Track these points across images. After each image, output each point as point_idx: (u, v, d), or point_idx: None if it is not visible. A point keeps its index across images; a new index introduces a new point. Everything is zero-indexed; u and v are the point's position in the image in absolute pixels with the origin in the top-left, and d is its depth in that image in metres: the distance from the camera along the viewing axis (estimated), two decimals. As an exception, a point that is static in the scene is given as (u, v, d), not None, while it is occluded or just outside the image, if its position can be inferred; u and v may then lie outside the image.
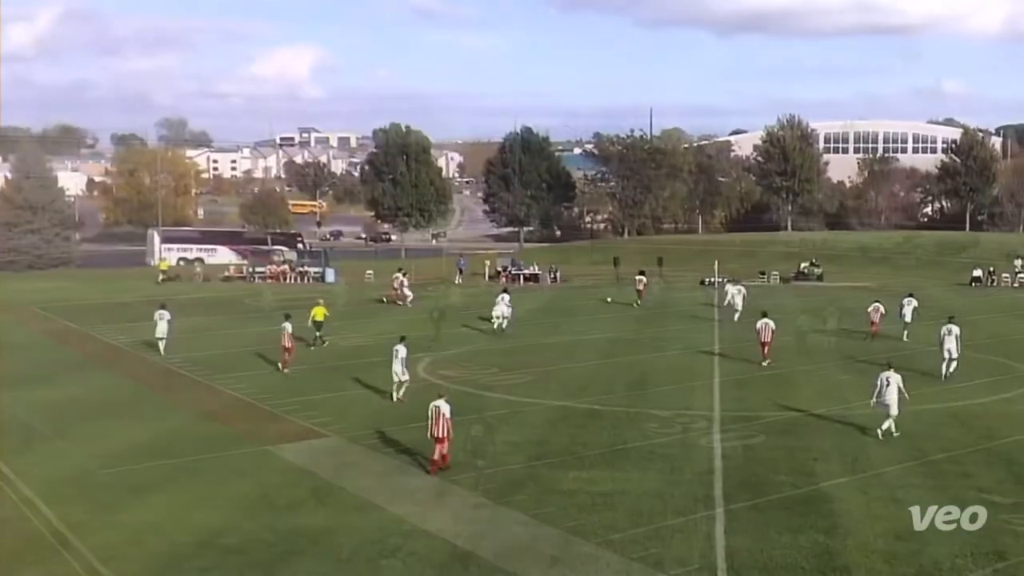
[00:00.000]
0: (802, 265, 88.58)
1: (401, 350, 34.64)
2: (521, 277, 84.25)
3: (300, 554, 20.21)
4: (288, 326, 40.77)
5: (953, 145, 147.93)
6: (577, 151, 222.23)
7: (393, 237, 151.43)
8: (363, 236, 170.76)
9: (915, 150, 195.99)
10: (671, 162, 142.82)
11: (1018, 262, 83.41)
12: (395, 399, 34.37)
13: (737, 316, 54.34)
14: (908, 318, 49.22)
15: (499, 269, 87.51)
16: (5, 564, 19.83)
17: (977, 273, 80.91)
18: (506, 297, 53.00)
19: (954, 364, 38.38)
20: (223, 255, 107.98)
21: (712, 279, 78.33)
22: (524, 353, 45.04)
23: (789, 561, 19.69)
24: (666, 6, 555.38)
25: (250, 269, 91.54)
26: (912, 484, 24.63)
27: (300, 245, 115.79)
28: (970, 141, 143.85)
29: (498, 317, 51.83)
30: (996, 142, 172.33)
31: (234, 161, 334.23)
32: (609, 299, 65.42)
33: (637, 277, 65.79)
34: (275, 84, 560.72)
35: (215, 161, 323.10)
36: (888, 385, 29.55)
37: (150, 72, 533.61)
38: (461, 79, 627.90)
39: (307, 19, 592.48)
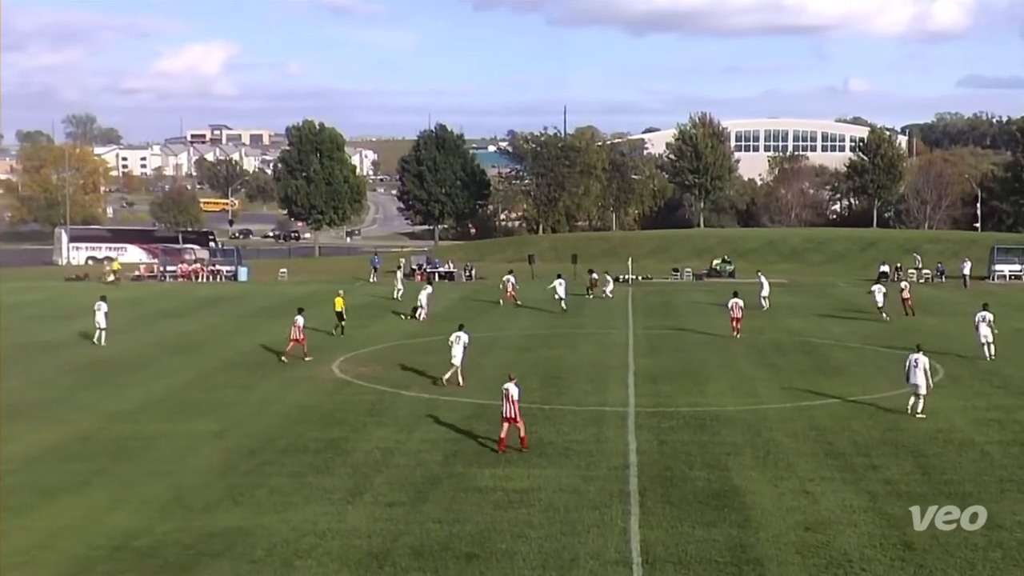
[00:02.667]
0: (714, 262, 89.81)
1: (463, 336, 36.98)
2: (436, 275, 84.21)
3: (215, 556, 20.04)
4: (300, 319, 42.45)
5: (861, 143, 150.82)
6: (491, 148, 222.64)
7: (306, 235, 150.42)
8: (271, 234, 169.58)
9: (824, 148, 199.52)
10: (585, 160, 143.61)
11: (917, 257, 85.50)
12: (444, 382, 36.42)
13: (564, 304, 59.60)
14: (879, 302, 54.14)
15: (414, 267, 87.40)
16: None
17: (884, 269, 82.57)
18: (429, 289, 57.16)
19: (992, 347, 41.23)
20: (134, 254, 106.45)
21: (626, 276, 79.10)
22: (440, 350, 45.00)
23: (704, 554, 19.95)
24: (579, 5, 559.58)
25: (161, 268, 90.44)
26: (822, 477, 25.08)
27: (212, 243, 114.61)
28: (877, 140, 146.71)
29: (421, 307, 55.31)
30: (902, 140, 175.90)
31: (144, 159, 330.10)
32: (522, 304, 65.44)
33: (504, 278, 65.75)
34: (186, 81, 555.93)
35: (124, 159, 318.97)
36: (916, 367, 31.30)
37: (56, 67, 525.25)
38: (375, 76, 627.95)
39: (218, 15, 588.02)
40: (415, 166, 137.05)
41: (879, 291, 55.78)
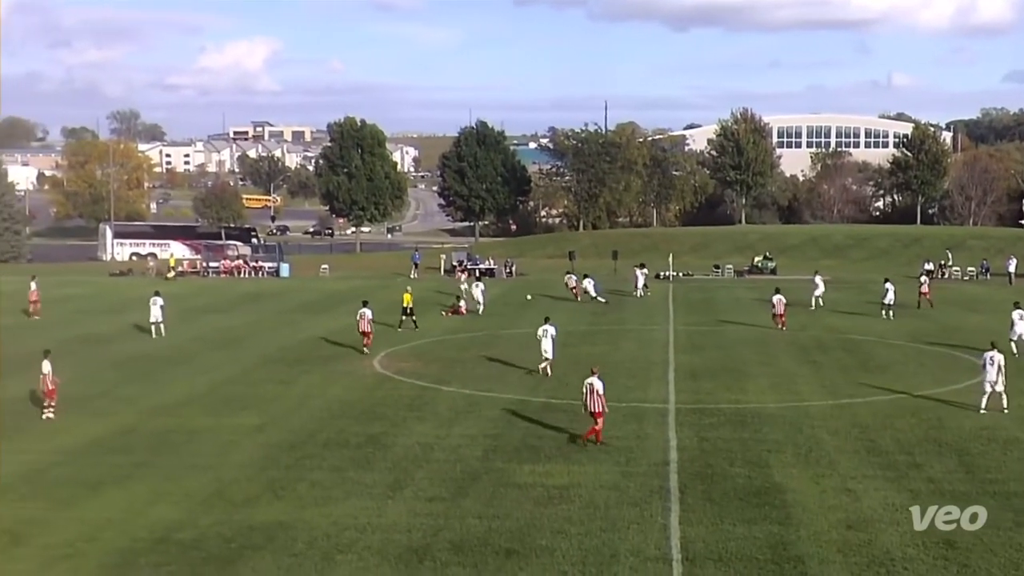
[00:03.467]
0: (756, 258, 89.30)
1: (550, 329, 37.87)
2: (476, 271, 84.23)
3: (256, 549, 20.18)
4: (367, 311, 43.17)
5: (904, 139, 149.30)
6: (532, 145, 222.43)
7: (348, 231, 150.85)
8: (311, 230, 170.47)
9: (867, 144, 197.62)
10: (626, 156, 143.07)
11: (949, 254, 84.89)
12: (542, 372, 37.45)
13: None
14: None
15: (454, 263, 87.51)
16: (-42, 562, 19.67)
17: (928, 266, 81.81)
18: (481, 285, 58.80)
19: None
20: (176, 250, 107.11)
21: (667, 272, 78.87)
22: (480, 346, 45.11)
23: (744, 551, 19.88)
24: (620, 0, 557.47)
25: (204, 264, 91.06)
26: (864, 475, 24.93)
27: (254, 240, 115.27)
28: (921, 135, 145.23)
29: (478, 303, 56.72)
30: (947, 136, 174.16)
31: (187, 155, 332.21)
32: (529, 296, 65.32)
33: (566, 278, 66.75)
34: (228, 77, 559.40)
35: (168, 155, 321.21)
36: (992, 364, 31.34)
37: (101, 64, 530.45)
38: (416, 72, 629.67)
39: (261, 12, 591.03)
40: (456, 162, 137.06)
41: (890, 289, 54.98)
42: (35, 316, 55.19)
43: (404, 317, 49.94)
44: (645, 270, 69.18)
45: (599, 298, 60.81)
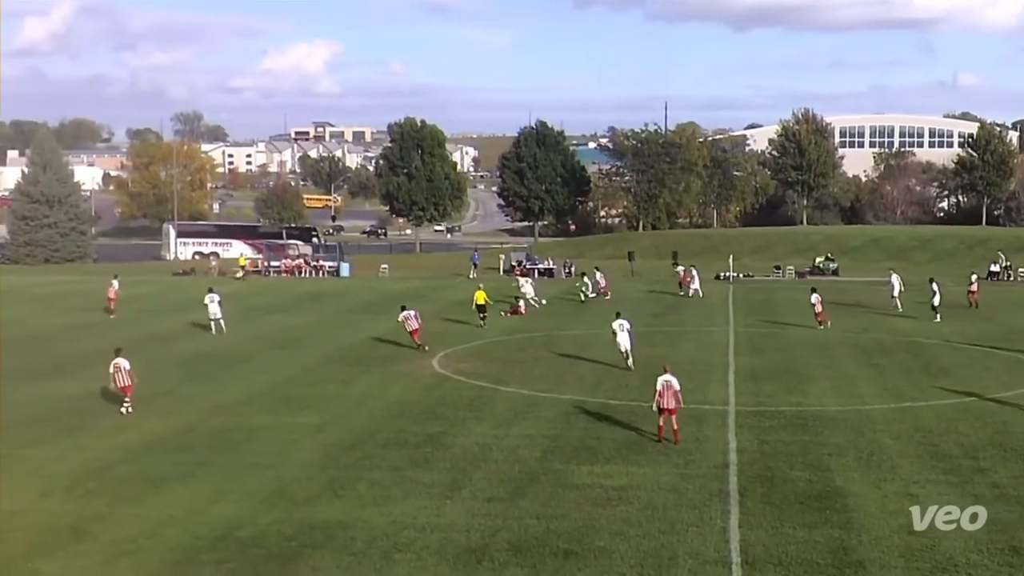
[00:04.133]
0: (817, 259, 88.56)
1: (625, 323, 39.15)
2: (535, 271, 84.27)
3: (316, 547, 20.31)
4: (411, 312, 44.16)
5: (970, 139, 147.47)
6: (592, 145, 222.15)
7: (407, 232, 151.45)
8: (367, 230, 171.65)
9: (931, 144, 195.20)
10: (686, 156, 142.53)
11: (1001, 256, 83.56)
12: (630, 367, 38.25)
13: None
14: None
15: (514, 263, 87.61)
16: (24, 556, 19.97)
17: (994, 268, 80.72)
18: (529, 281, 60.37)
19: None
20: (238, 249, 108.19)
21: (727, 273, 78.43)
22: (539, 347, 45.11)
23: (804, 556, 19.70)
24: (679, 0, 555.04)
25: (265, 263, 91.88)
26: (928, 480, 24.61)
27: (315, 239, 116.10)
28: (987, 135, 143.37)
29: (534, 300, 58.30)
30: (1013, 136, 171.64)
31: (249, 156, 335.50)
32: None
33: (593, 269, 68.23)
34: (290, 79, 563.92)
35: (230, 155, 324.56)
36: None
37: (165, 66, 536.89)
38: (476, 73, 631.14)
39: (321, 14, 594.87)
40: (515, 163, 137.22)
41: (936, 290, 54.17)
42: (113, 313, 56.29)
43: (481, 314, 51.04)
44: (694, 270, 68.75)
45: (597, 294, 62.31)
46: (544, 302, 59.73)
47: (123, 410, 31.97)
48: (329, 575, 19.14)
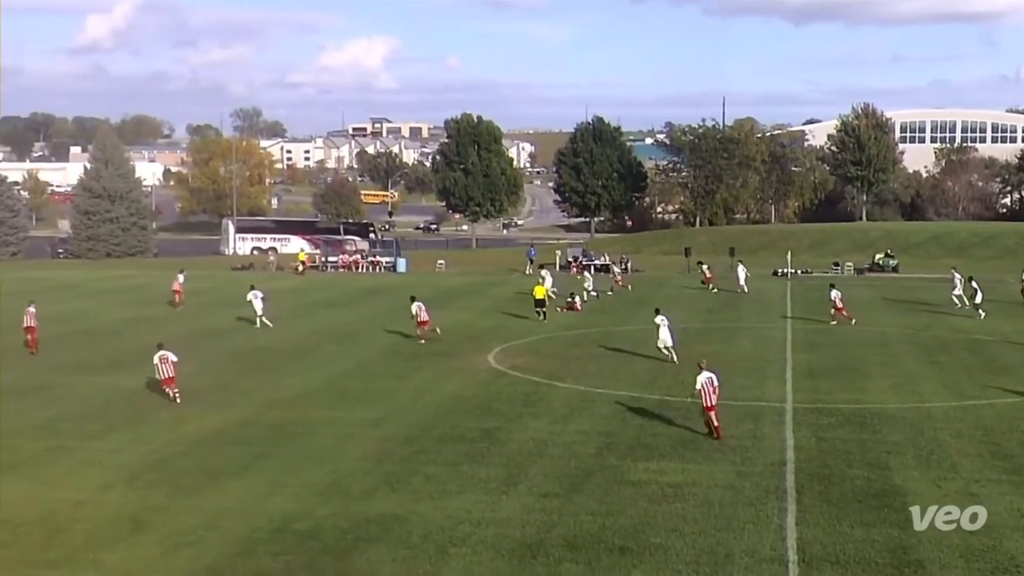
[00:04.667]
0: (876, 256, 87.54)
1: (664, 319, 40.29)
2: (592, 267, 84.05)
3: (372, 541, 20.41)
4: (421, 304, 45.26)
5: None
6: (648, 141, 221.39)
7: (463, 227, 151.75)
8: (419, 226, 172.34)
9: (994, 139, 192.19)
10: (744, 152, 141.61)
11: None
12: (675, 361, 38.70)
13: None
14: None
15: (569, 259, 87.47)
16: (86, 547, 20.25)
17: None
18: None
19: None
20: (296, 245, 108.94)
21: (785, 270, 77.81)
22: (594, 343, 45.01)
23: (862, 554, 19.52)
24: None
25: (323, 258, 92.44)
26: (988, 479, 24.29)
27: (372, 235, 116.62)
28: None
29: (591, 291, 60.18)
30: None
31: (307, 151, 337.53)
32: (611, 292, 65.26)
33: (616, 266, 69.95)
34: (348, 75, 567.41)
35: (289, 151, 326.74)
36: None
37: (224, 63, 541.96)
38: (532, 69, 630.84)
39: (379, 10, 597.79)
40: (572, 158, 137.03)
41: (977, 288, 53.47)
42: (179, 307, 57.09)
43: (539, 309, 51.58)
44: (741, 266, 68.32)
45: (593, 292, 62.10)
46: (602, 292, 61.38)
47: (174, 398, 32.64)
48: (385, 568, 19.23)
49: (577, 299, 57.08)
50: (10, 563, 19.53)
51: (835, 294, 50.99)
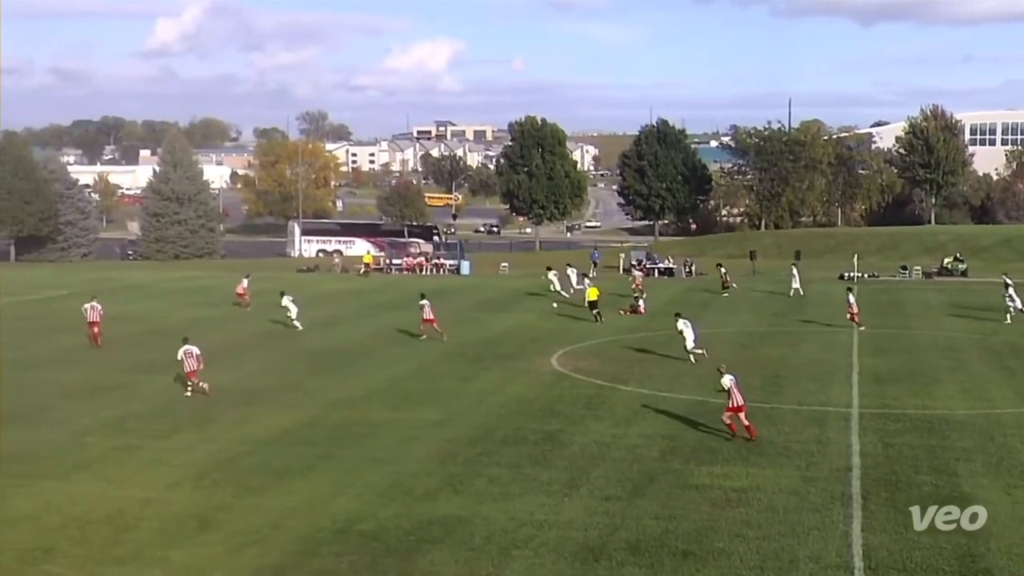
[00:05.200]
0: (945, 260, 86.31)
1: (687, 322, 41.10)
2: (655, 270, 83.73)
3: (435, 542, 20.47)
4: (427, 303, 46.38)
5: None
6: (713, 143, 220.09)
7: (527, 230, 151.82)
8: (480, 229, 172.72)
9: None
10: (810, 154, 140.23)
11: None
12: (694, 360, 39.69)
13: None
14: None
15: (633, 262, 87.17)
16: (153, 544, 20.52)
17: None
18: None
19: None
20: (361, 247, 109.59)
21: (852, 273, 76.99)
22: (658, 346, 44.82)
23: (929, 562, 19.25)
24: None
25: (387, 261, 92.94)
26: (1060, 486, 23.87)
27: (436, 237, 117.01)
28: None
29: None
30: None
31: (372, 154, 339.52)
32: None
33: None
34: (413, 77, 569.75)
35: (354, 154, 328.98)
36: None
37: (291, 66, 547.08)
38: (596, 71, 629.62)
39: (443, 13, 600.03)
40: (636, 161, 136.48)
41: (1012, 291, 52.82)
42: (247, 307, 57.82)
43: (595, 310, 52.09)
44: (794, 268, 67.69)
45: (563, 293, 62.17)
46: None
47: (187, 394, 33.82)
48: (447, 570, 19.28)
49: (641, 302, 56.85)
50: (79, 560, 19.85)
51: (851, 298, 50.35)
